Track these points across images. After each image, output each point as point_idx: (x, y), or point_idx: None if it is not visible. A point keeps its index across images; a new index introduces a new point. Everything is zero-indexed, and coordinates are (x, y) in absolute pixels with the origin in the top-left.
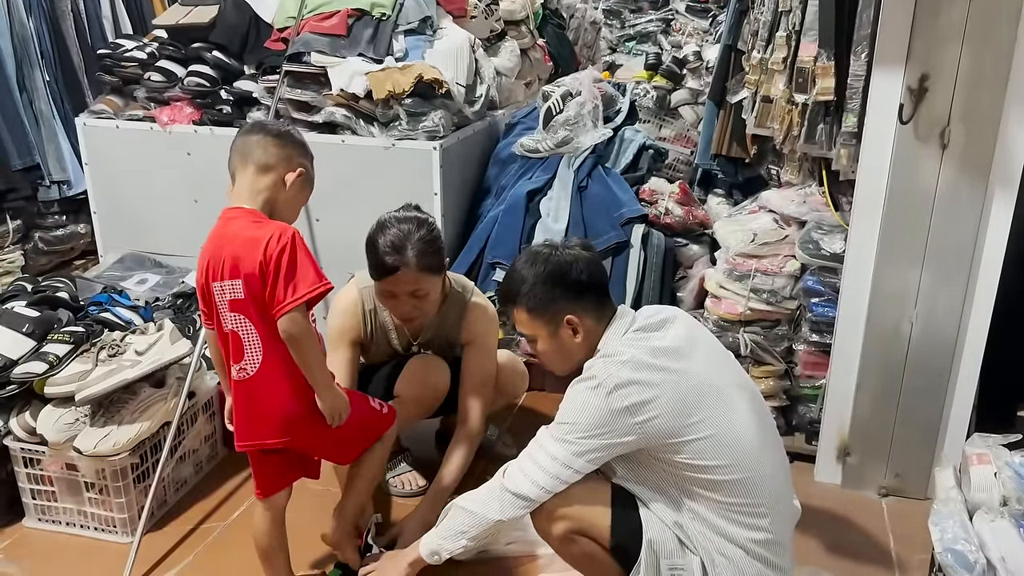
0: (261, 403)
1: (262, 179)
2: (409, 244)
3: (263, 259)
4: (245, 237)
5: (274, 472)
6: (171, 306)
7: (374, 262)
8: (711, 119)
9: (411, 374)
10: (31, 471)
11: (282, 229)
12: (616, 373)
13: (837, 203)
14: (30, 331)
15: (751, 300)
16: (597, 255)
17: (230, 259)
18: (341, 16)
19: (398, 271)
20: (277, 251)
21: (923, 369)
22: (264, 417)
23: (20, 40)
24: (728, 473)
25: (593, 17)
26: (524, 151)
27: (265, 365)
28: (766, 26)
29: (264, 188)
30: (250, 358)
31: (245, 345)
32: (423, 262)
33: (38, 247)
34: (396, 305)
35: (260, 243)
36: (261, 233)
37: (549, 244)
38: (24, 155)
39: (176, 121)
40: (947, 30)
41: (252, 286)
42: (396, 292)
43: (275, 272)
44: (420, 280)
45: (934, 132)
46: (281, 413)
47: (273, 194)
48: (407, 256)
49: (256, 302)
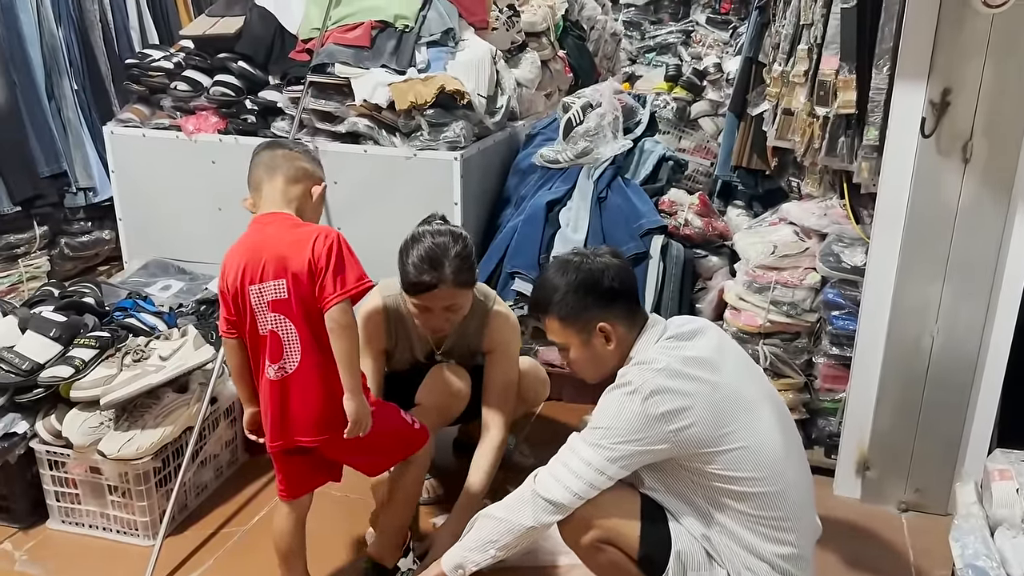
0: (296, 402)
1: (292, 189)
2: (447, 261)
3: (312, 256)
4: (291, 238)
5: (300, 473)
6: (194, 312)
7: (411, 278)
8: (731, 131)
9: (432, 383)
10: (56, 473)
11: (327, 229)
12: (652, 379)
13: (858, 216)
14: (57, 336)
15: (771, 312)
16: (627, 263)
17: (274, 260)
18: (365, 28)
19: (436, 288)
20: (325, 249)
21: (944, 383)
22: (298, 416)
23: (50, 49)
24: (757, 486)
25: (613, 29)
26: (544, 162)
27: (303, 365)
28: (787, 39)
29: (295, 197)
30: (288, 357)
31: (284, 344)
32: (460, 278)
33: (64, 253)
34: (428, 318)
35: (307, 242)
36: (306, 233)
37: (579, 252)
38: (52, 162)
39: (201, 130)
40: (970, 44)
41: (299, 284)
42: (431, 307)
43: (324, 267)
44: (456, 296)
45: (956, 146)
46: (316, 412)
47: (302, 204)
48: (445, 273)
49: (301, 301)
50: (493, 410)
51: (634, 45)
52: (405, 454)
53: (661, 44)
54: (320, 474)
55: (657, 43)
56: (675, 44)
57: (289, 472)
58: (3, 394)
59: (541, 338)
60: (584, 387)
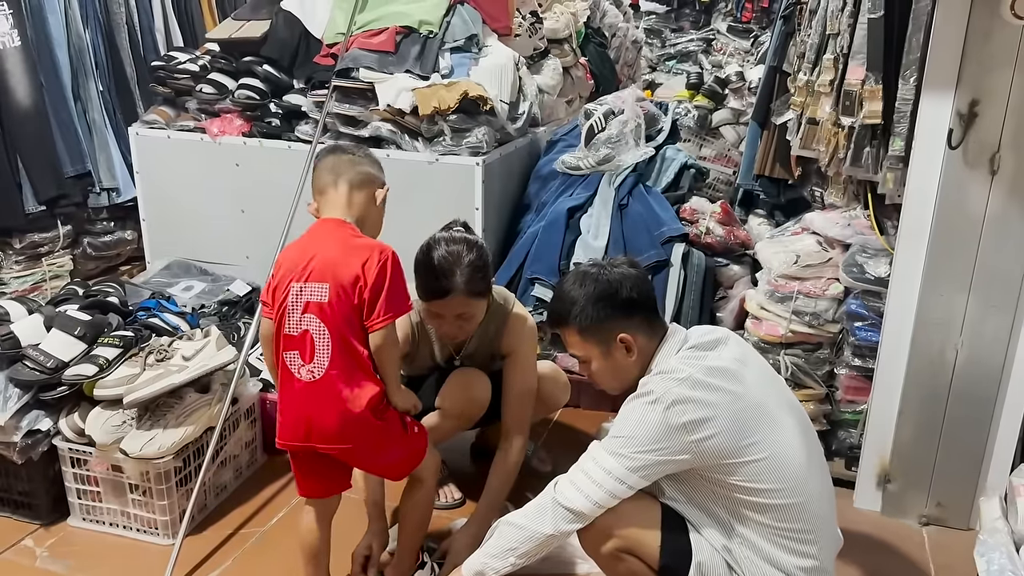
0: (321, 408)
1: (356, 195)
2: (459, 269)
3: (362, 275)
4: (346, 247)
5: (313, 473)
6: (216, 313)
7: (424, 285)
8: (754, 139)
9: (452, 387)
10: (78, 471)
11: (382, 248)
12: (674, 389)
13: (882, 227)
14: (82, 334)
15: (793, 322)
16: (644, 272)
17: (322, 263)
18: (389, 33)
19: (447, 296)
20: (378, 268)
21: (968, 397)
22: (320, 422)
23: (76, 51)
24: (780, 497)
25: (635, 36)
26: (565, 168)
27: (330, 372)
28: (813, 48)
29: (358, 203)
30: (318, 362)
31: (317, 348)
32: (472, 287)
33: (87, 252)
34: (441, 324)
35: (360, 258)
36: (362, 248)
37: (595, 263)
38: (76, 162)
39: (226, 132)
40: (999, 56)
41: (343, 295)
42: (443, 314)
43: (376, 289)
44: (468, 304)
45: (983, 158)
46: (338, 421)
47: (365, 210)
48: (456, 281)
49: (341, 311)
50: (513, 415)
51: (655, 53)
52: (415, 456)
53: (682, 52)
54: (333, 477)
55: (678, 51)
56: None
57: (303, 470)
58: (28, 391)
59: (559, 344)
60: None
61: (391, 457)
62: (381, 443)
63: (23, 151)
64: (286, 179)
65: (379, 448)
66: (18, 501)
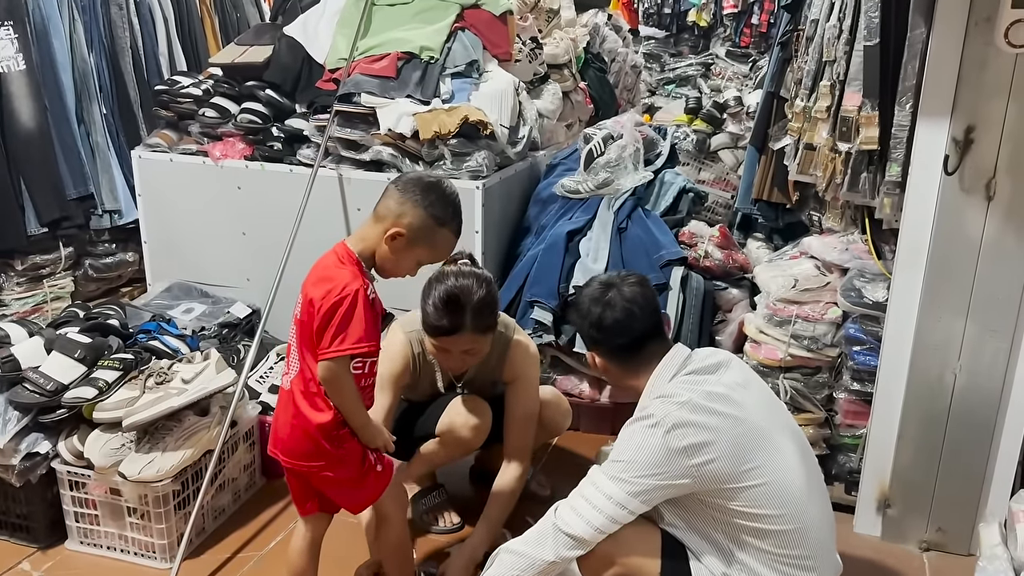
0: (283, 418)
1: (370, 228)
2: (469, 306)
3: (321, 304)
4: (319, 275)
5: (297, 488)
6: (216, 335)
7: (432, 321)
8: (752, 164)
9: (453, 416)
10: (76, 494)
11: (346, 284)
12: (674, 413)
13: (880, 251)
14: (82, 357)
15: (791, 346)
16: (653, 292)
17: (308, 284)
18: (391, 59)
19: (457, 333)
20: (331, 302)
21: (967, 421)
22: (281, 433)
23: (80, 75)
24: (779, 523)
25: (634, 61)
26: (565, 192)
27: (293, 384)
28: (810, 75)
29: (367, 237)
30: (291, 372)
31: (291, 359)
32: (481, 324)
33: (88, 274)
34: (447, 358)
35: (325, 287)
36: (331, 279)
37: (607, 283)
38: (79, 184)
39: (228, 156)
40: (994, 83)
41: (306, 316)
42: (450, 349)
43: (324, 320)
44: (477, 340)
45: (980, 184)
46: (292, 435)
47: (373, 245)
48: (466, 318)
49: (303, 328)
50: (514, 441)
51: (654, 77)
52: (370, 494)
53: (681, 76)
54: (310, 495)
55: (677, 75)
56: (695, 76)
57: (289, 481)
58: (27, 414)
59: (559, 367)
60: (602, 417)
61: (344, 487)
62: (334, 470)
63: (26, 173)
64: (287, 202)
65: (333, 474)
66: (16, 524)
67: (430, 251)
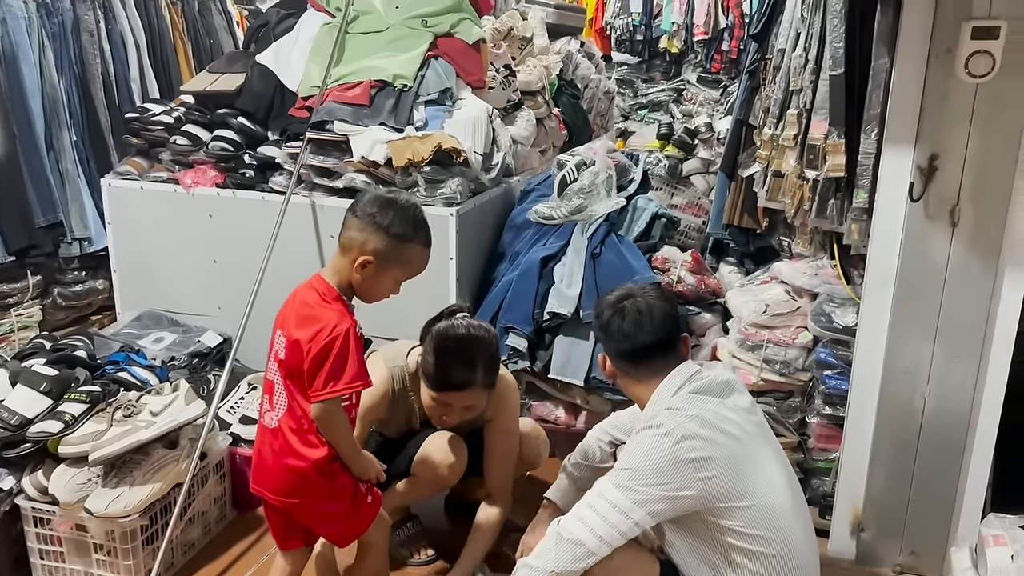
0: (271, 457)
1: (340, 260)
2: (480, 363)
3: (310, 346)
4: (303, 314)
5: (278, 523)
6: (186, 365)
7: (440, 377)
8: (723, 190)
9: (428, 454)
10: (40, 531)
11: (336, 323)
12: (685, 424)
13: (849, 276)
14: (47, 390)
15: (764, 371)
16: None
17: (285, 319)
18: (364, 87)
19: (465, 389)
20: (323, 343)
21: (937, 445)
22: (269, 471)
23: (50, 101)
24: (767, 547)
25: (607, 87)
26: (539, 218)
27: (281, 424)
28: (777, 103)
29: (340, 268)
30: (277, 411)
31: (275, 398)
32: (489, 379)
33: (56, 302)
34: (445, 412)
35: (313, 328)
36: (318, 318)
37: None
38: (48, 212)
39: (200, 184)
40: (955, 113)
41: (291, 357)
42: (453, 404)
43: (316, 362)
44: (482, 396)
45: (944, 210)
46: (284, 473)
47: (347, 276)
48: (477, 376)
49: (290, 369)
50: (495, 479)
51: (627, 102)
52: (359, 526)
53: (653, 101)
54: (293, 530)
55: (649, 100)
56: (667, 102)
57: (268, 518)
58: None
59: (535, 393)
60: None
61: (335, 521)
62: (326, 505)
63: None
64: (260, 230)
65: (324, 509)
66: None
67: (404, 268)
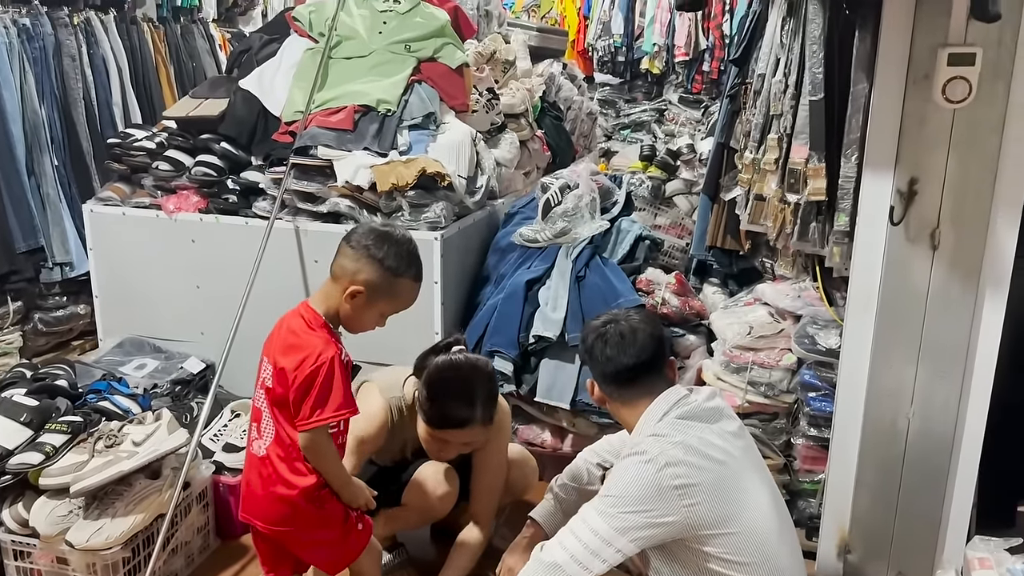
0: (260, 485)
1: (330, 287)
2: (479, 400)
3: (295, 375)
4: (289, 342)
5: (268, 550)
6: (169, 393)
7: (439, 414)
8: (705, 212)
9: (420, 484)
10: (20, 564)
11: (321, 351)
12: (669, 451)
13: (831, 298)
14: (28, 420)
15: (749, 393)
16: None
17: (272, 346)
18: (348, 112)
19: (465, 426)
20: (308, 372)
21: (921, 467)
22: (259, 499)
23: (31, 126)
24: (752, 573)
25: (590, 108)
26: (523, 241)
27: (270, 453)
28: (758, 128)
29: (329, 297)
30: (265, 439)
31: (263, 426)
32: (488, 415)
33: (37, 328)
34: (442, 448)
35: (299, 356)
36: (303, 346)
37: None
38: (29, 238)
39: (182, 209)
40: (934, 138)
41: (280, 385)
42: (451, 440)
43: (301, 391)
44: (481, 433)
45: (924, 233)
46: (272, 501)
47: (336, 305)
48: (476, 414)
49: (277, 398)
50: (481, 506)
51: (610, 122)
52: (349, 553)
53: (636, 122)
54: (282, 558)
55: (632, 120)
56: (649, 122)
57: (257, 546)
58: None
59: (521, 416)
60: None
61: (326, 548)
62: (316, 532)
63: None
64: (243, 255)
65: (314, 537)
66: None
67: (392, 302)
